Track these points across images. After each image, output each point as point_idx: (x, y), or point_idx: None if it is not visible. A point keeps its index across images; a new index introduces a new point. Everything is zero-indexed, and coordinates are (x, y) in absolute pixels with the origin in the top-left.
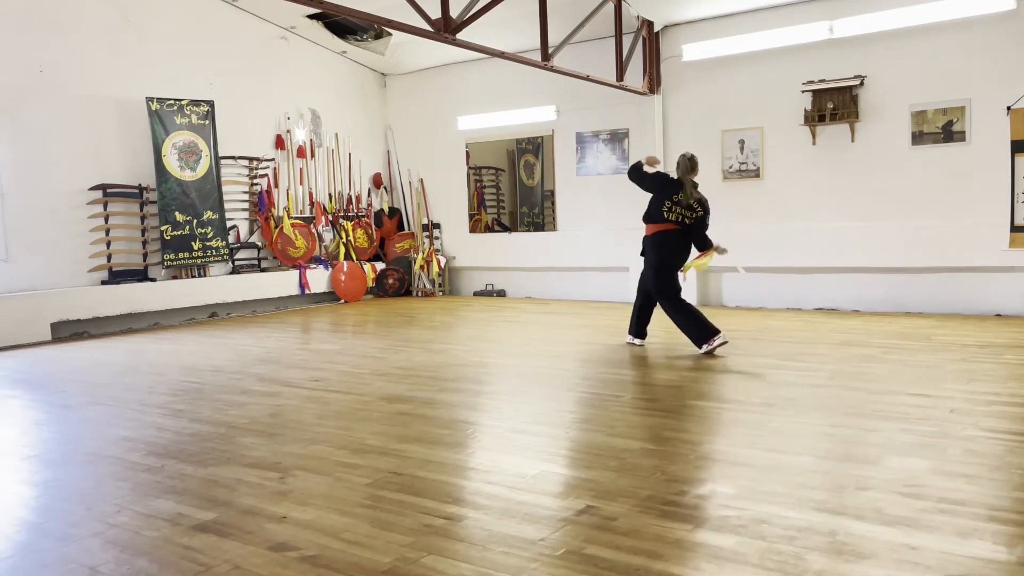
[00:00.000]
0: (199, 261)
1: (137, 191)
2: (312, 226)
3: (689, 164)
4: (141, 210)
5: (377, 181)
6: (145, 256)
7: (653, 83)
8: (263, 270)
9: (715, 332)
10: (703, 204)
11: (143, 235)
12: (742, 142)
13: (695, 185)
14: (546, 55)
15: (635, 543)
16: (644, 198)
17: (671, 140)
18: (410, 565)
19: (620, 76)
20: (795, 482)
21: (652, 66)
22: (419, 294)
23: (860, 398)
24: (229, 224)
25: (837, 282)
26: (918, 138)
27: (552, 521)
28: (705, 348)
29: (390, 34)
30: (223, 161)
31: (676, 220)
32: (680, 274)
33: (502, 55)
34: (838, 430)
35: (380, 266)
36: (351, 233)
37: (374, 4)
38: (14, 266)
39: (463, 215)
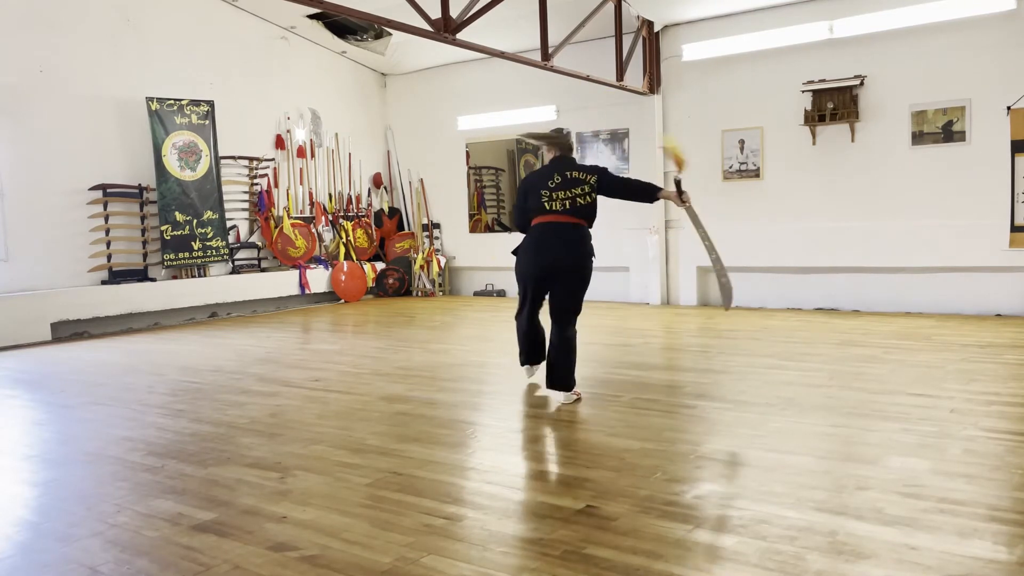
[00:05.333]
0: (199, 261)
1: (137, 191)
2: (312, 226)
3: (568, 139)
4: (141, 210)
5: (377, 181)
6: (145, 256)
7: (653, 83)
8: (263, 270)
9: (531, 363)
10: (591, 169)
11: (143, 235)
12: (742, 142)
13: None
14: (546, 55)
15: (635, 543)
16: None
17: None
18: (410, 565)
19: (620, 76)
20: (795, 482)
21: (652, 66)
22: (419, 294)
23: (860, 398)
24: (229, 224)
25: (837, 282)
26: (918, 138)
27: (552, 521)
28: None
29: (390, 34)
30: (223, 161)
31: (560, 208)
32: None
33: (502, 55)
34: (838, 430)
35: (380, 266)
36: (351, 233)
37: (374, 4)
38: (14, 266)
39: (463, 215)
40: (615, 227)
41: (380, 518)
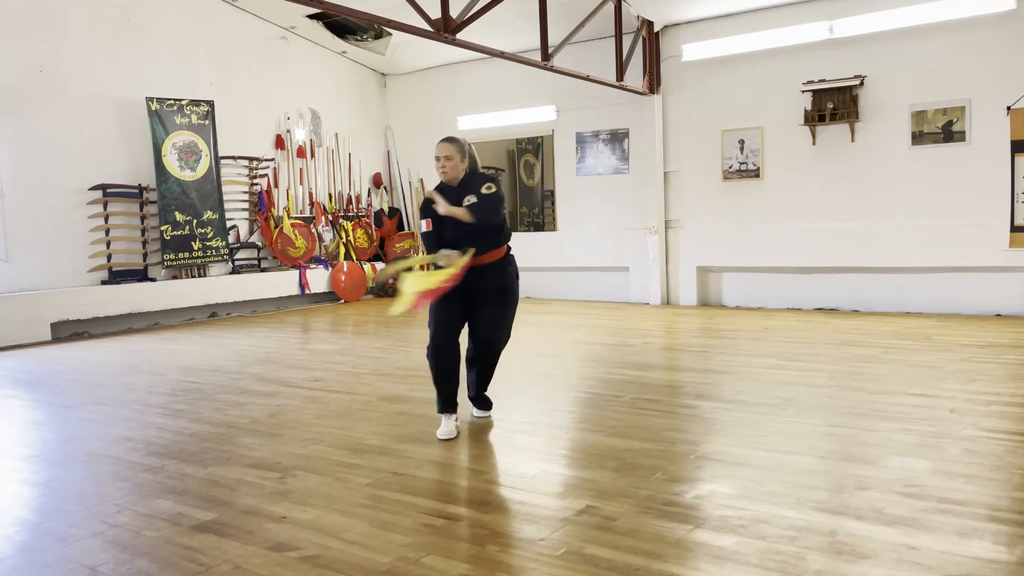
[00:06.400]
0: (199, 261)
1: (137, 191)
2: (312, 226)
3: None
4: (141, 210)
5: (377, 181)
6: (145, 256)
7: (653, 83)
8: (263, 270)
9: (450, 410)
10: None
11: (143, 235)
12: (742, 142)
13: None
14: (546, 55)
15: (635, 543)
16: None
17: (671, 140)
18: (410, 565)
19: (620, 76)
20: (795, 482)
21: (652, 66)
22: None
23: (860, 398)
24: (229, 224)
25: (837, 282)
26: (918, 138)
27: (552, 521)
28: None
29: (390, 34)
30: (223, 161)
31: None
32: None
33: (502, 55)
34: (838, 430)
35: (380, 266)
36: (351, 233)
37: (374, 4)
38: (14, 266)
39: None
40: (615, 227)
41: (380, 518)
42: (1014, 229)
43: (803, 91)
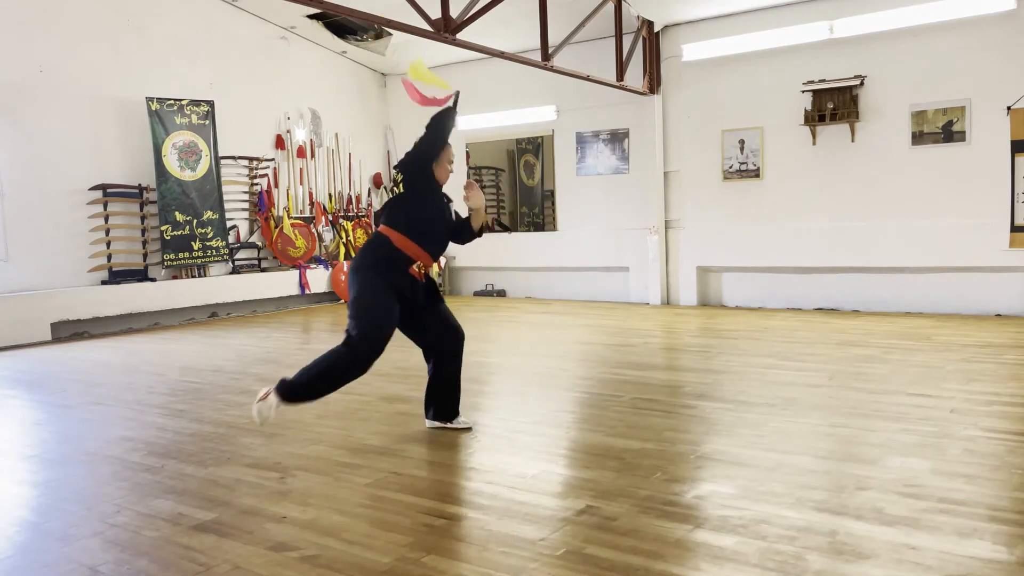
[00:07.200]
0: (199, 261)
1: (137, 191)
2: (312, 226)
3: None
4: (141, 210)
5: (377, 181)
6: (145, 256)
7: (653, 83)
8: (263, 270)
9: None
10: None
11: (143, 235)
12: (742, 142)
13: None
14: (546, 55)
15: (635, 543)
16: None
17: (671, 140)
18: (410, 565)
19: (620, 76)
20: (795, 482)
21: (652, 66)
22: None
23: (860, 398)
24: (229, 224)
25: (837, 282)
26: (918, 138)
27: (552, 521)
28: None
29: (390, 34)
30: (223, 161)
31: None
32: None
33: (502, 55)
34: (838, 430)
35: None
36: (351, 233)
37: (374, 4)
38: (14, 266)
39: (463, 215)
40: (615, 227)
41: (380, 518)
42: (1014, 229)
43: (803, 91)
